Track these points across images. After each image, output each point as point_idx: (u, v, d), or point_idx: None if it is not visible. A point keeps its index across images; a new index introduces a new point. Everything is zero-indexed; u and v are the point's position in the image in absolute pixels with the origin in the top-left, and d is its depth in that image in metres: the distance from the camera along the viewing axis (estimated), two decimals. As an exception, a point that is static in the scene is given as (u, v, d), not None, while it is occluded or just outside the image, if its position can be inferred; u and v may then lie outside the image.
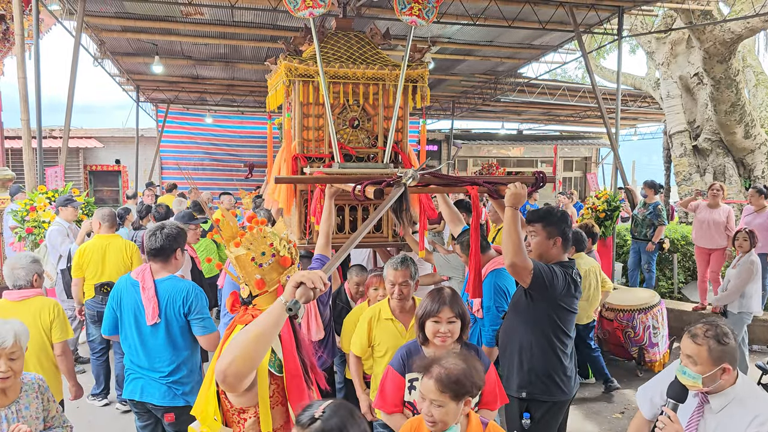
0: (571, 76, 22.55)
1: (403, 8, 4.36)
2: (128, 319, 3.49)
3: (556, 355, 3.21)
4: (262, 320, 1.90)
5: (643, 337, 6.23)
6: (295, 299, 1.85)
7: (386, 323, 3.48)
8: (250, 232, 2.31)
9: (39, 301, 3.67)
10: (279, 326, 1.90)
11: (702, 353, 2.39)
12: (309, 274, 1.91)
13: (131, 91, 15.08)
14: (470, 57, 11.94)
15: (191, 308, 3.44)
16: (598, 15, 9.07)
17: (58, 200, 6.45)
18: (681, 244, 9.28)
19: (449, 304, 2.78)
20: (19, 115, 7.15)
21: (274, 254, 2.30)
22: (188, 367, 3.53)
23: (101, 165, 17.59)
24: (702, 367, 2.39)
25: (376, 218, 2.43)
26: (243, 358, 1.85)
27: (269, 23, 9.74)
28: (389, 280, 3.46)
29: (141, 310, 3.44)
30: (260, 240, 2.31)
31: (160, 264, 3.54)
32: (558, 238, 3.25)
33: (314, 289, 1.89)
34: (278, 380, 2.17)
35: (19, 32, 6.95)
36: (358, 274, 4.48)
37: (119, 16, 9.42)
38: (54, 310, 3.66)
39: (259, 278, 2.27)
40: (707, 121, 11.73)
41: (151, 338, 3.45)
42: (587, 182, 16.83)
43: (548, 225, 3.25)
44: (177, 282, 3.52)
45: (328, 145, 4.58)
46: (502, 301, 3.80)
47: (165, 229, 3.56)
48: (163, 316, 3.42)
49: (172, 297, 3.44)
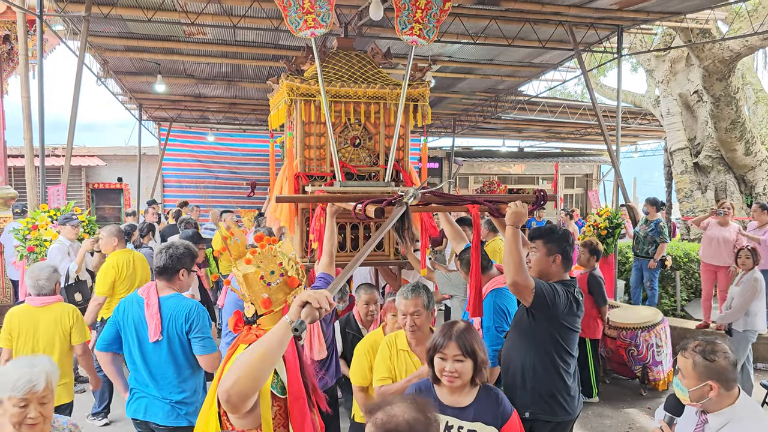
0: (571, 93, 22.66)
1: (403, 28, 4.40)
2: (131, 336, 3.46)
3: (559, 375, 3.18)
4: (266, 340, 1.88)
5: (647, 356, 6.19)
6: (301, 319, 1.82)
7: (402, 355, 3.26)
8: (261, 250, 2.30)
9: (59, 306, 4.06)
10: (284, 346, 1.88)
11: (687, 366, 2.45)
12: (315, 294, 1.87)
13: (134, 109, 15.16)
14: (471, 75, 12.01)
15: (192, 326, 3.42)
16: (598, 34, 9.14)
17: (59, 219, 6.46)
18: (683, 261, 9.25)
19: (456, 339, 2.51)
20: (23, 133, 7.19)
21: (283, 274, 2.29)
22: (192, 387, 3.50)
23: (103, 183, 17.64)
24: (688, 381, 2.44)
25: (380, 237, 2.43)
26: (247, 378, 1.84)
27: (271, 42, 9.81)
28: (400, 310, 3.23)
29: (144, 326, 3.42)
30: (270, 258, 2.30)
31: (165, 282, 3.53)
32: (558, 255, 3.24)
33: (320, 309, 1.85)
34: (280, 402, 2.15)
35: (24, 52, 7.01)
36: (366, 293, 4.31)
37: (123, 36, 9.50)
38: (74, 315, 4.06)
39: (266, 297, 2.26)
40: (708, 138, 11.77)
41: (154, 356, 3.42)
42: (588, 199, 16.84)
43: (548, 242, 3.25)
44: (181, 300, 3.51)
45: (329, 163, 4.59)
46: (502, 321, 3.78)
47: (172, 248, 3.56)
48: (165, 333, 3.39)
49: (174, 314, 3.42)
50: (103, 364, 3.60)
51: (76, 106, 7.50)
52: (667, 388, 6.31)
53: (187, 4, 7.96)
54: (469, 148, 22.58)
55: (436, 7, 4.45)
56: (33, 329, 3.97)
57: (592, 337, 5.99)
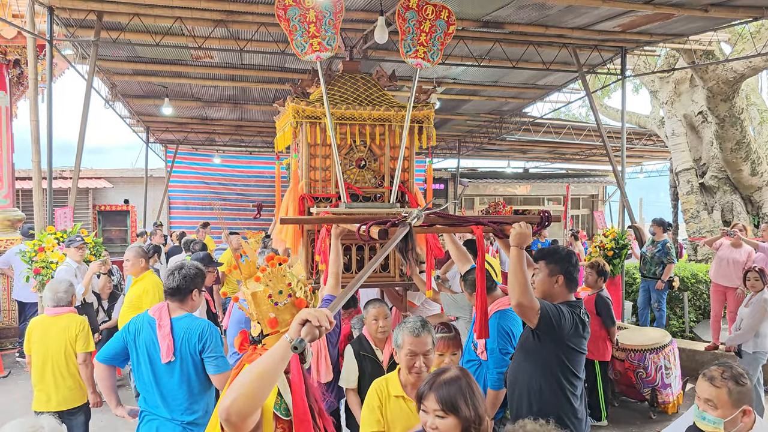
0: (576, 115, 22.73)
1: (408, 51, 4.45)
2: (143, 357, 3.45)
3: (565, 397, 3.15)
4: (266, 358, 1.86)
5: (656, 378, 6.12)
6: (301, 337, 1.79)
7: (396, 402, 2.87)
8: (271, 269, 2.31)
9: (69, 317, 4.43)
10: (284, 364, 1.86)
11: (722, 396, 2.31)
12: (315, 312, 1.85)
13: (141, 132, 15.29)
14: (475, 97, 12.09)
15: (205, 346, 3.42)
16: (601, 56, 9.20)
17: (66, 241, 6.48)
18: (691, 282, 9.19)
19: (436, 390, 2.12)
20: (31, 156, 7.25)
21: (291, 294, 2.30)
22: (203, 407, 3.49)
23: (110, 205, 17.72)
24: (723, 411, 2.30)
25: (381, 258, 2.42)
26: (246, 396, 1.82)
27: (277, 66, 9.91)
28: (406, 348, 2.86)
29: (156, 347, 3.41)
30: (279, 278, 2.31)
31: (177, 303, 3.54)
32: (560, 276, 3.23)
33: (320, 327, 1.83)
34: (284, 424, 2.13)
35: (33, 76, 7.10)
36: (374, 307, 4.02)
37: (131, 60, 9.62)
38: (80, 325, 4.38)
39: (273, 317, 2.27)
40: (713, 159, 11.76)
41: (166, 377, 3.41)
42: (594, 220, 16.80)
43: (551, 263, 3.24)
44: (193, 320, 3.52)
45: (335, 185, 4.61)
46: (507, 343, 3.75)
47: (183, 269, 3.56)
48: (178, 354, 3.39)
49: (187, 335, 3.42)
50: (99, 378, 3.59)
51: (84, 129, 7.57)
52: (677, 411, 6.23)
53: (195, 29, 8.07)
54: (475, 169, 22.62)
55: (440, 30, 4.50)
56: (45, 336, 4.35)
57: (601, 359, 5.93)
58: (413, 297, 5.47)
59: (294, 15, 4.24)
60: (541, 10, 7.35)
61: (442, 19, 4.52)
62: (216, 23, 7.74)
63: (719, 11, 7.20)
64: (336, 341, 3.96)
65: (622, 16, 7.54)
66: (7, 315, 9.41)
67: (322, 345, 3.71)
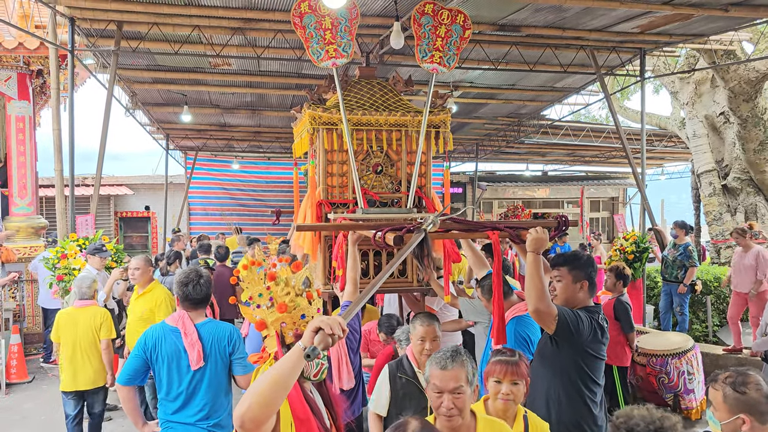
0: (596, 117, 22.55)
1: (424, 56, 4.44)
2: (167, 367, 3.45)
3: (585, 404, 3.11)
4: (279, 365, 1.88)
5: (678, 384, 6.03)
6: (314, 345, 1.79)
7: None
8: (244, 272, 2.34)
9: (93, 309, 5.22)
10: (297, 371, 1.87)
11: (718, 399, 2.36)
12: (327, 320, 1.85)
13: (161, 139, 15.47)
14: (493, 100, 12.04)
15: (235, 347, 3.51)
16: (620, 57, 9.12)
17: (88, 248, 6.56)
18: (714, 285, 9.05)
19: None
20: (54, 164, 7.37)
21: (272, 298, 2.31)
22: (227, 409, 3.55)
23: (131, 212, 17.97)
24: (720, 414, 2.35)
25: (395, 265, 2.41)
26: (259, 403, 1.83)
27: (294, 72, 9.98)
28: (431, 382, 2.40)
29: (181, 355, 3.44)
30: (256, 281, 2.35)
31: (198, 311, 3.59)
32: (584, 281, 3.20)
33: (333, 335, 1.83)
34: None
35: (55, 86, 7.23)
36: (423, 324, 3.52)
37: (150, 69, 9.75)
38: (103, 315, 5.17)
39: (259, 319, 2.31)
40: (736, 160, 11.59)
41: (193, 383, 3.44)
42: (615, 223, 16.63)
43: (574, 269, 3.20)
44: (218, 324, 3.60)
45: (352, 190, 4.62)
46: (524, 349, 3.70)
47: (203, 278, 3.60)
48: (208, 359, 3.45)
49: (217, 338, 3.49)
50: (124, 400, 3.59)
51: (105, 137, 7.68)
52: (700, 417, 6.13)
53: (213, 37, 8.16)
54: (493, 172, 22.53)
55: (456, 35, 4.49)
56: (74, 326, 5.07)
57: (619, 365, 5.83)
58: (432, 302, 5.45)
59: (310, 22, 4.25)
60: (558, 12, 7.30)
61: (458, 23, 4.51)
62: (233, 31, 7.82)
63: (740, 11, 7.09)
64: (357, 347, 3.94)
65: (640, 17, 7.47)
66: (32, 321, 9.57)
67: (342, 352, 3.68)
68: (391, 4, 6.64)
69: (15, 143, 9.51)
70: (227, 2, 7.12)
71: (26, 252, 9.26)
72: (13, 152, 9.53)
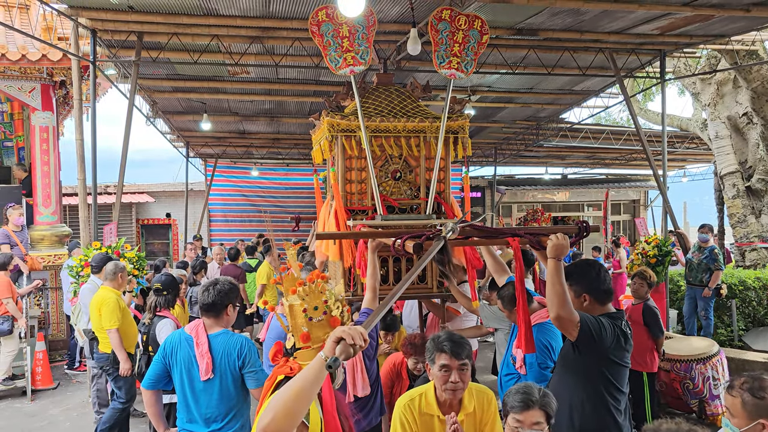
0: (616, 119, 22.34)
1: (441, 62, 4.44)
2: (181, 375, 3.48)
3: (608, 412, 3.06)
4: (301, 376, 1.88)
5: (703, 389, 5.93)
6: (335, 356, 1.79)
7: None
8: (309, 284, 2.33)
9: None
10: (319, 382, 1.87)
11: (736, 405, 2.34)
12: (349, 330, 1.85)
13: (181, 147, 15.63)
14: (511, 104, 11.99)
15: (245, 361, 3.45)
16: (639, 59, 9.03)
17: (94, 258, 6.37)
18: (739, 289, 8.89)
19: None
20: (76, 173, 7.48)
21: (326, 312, 2.31)
22: (241, 422, 3.52)
23: (152, 219, 18.17)
24: (738, 421, 2.33)
25: (415, 273, 2.41)
26: (284, 415, 1.83)
27: (312, 79, 10.04)
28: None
29: (194, 365, 3.44)
30: (317, 294, 2.33)
31: (212, 319, 3.56)
32: (585, 294, 3.14)
33: (354, 345, 1.83)
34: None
35: (78, 96, 7.34)
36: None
37: (170, 78, 9.87)
38: None
39: (306, 331, 2.28)
40: (760, 161, 11.40)
41: (204, 394, 3.44)
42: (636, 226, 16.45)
43: (573, 284, 3.12)
44: (231, 336, 3.54)
45: (371, 197, 4.62)
46: (546, 357, 3.66)
47: (218, 285, 3.58)
48: (217, 371, 3.42)
49: (227, 351, 3.45)
50: (147, 404, 3.62)
51: (127, 146, 7.78)
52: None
53: (231, 46, 8.23)
54: (512, 176, 22.40)
55: (474, 40, 4.48)
56: None
57: (648, 371, 5.71)
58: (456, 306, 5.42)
59: (327, 30, 4.27)
60: (576, 15, 7.26)
61: (476, 28, 4.50)
62: (251, 40, 7.89)
63: (762, 10, 6.99)
64: (373, 355, 3.94)
65: (660, 18, 7.39)
66: (56, 328, 9.71)
67: (357, 359, 3.68)
68: (408, 10, 6.65)
69: (39, 153, 9.67)
70: (245, 11, 7.19)
71: (50, 260, 9.40)
72: (38, 162, 9.69)
